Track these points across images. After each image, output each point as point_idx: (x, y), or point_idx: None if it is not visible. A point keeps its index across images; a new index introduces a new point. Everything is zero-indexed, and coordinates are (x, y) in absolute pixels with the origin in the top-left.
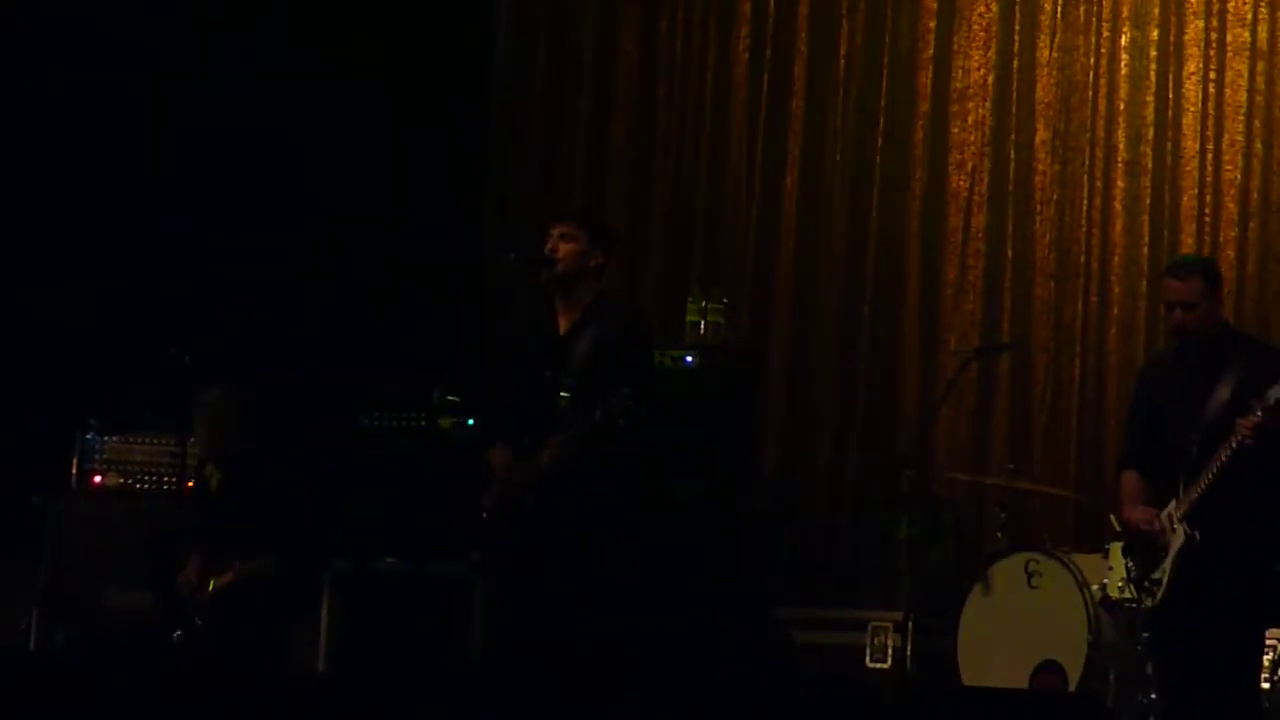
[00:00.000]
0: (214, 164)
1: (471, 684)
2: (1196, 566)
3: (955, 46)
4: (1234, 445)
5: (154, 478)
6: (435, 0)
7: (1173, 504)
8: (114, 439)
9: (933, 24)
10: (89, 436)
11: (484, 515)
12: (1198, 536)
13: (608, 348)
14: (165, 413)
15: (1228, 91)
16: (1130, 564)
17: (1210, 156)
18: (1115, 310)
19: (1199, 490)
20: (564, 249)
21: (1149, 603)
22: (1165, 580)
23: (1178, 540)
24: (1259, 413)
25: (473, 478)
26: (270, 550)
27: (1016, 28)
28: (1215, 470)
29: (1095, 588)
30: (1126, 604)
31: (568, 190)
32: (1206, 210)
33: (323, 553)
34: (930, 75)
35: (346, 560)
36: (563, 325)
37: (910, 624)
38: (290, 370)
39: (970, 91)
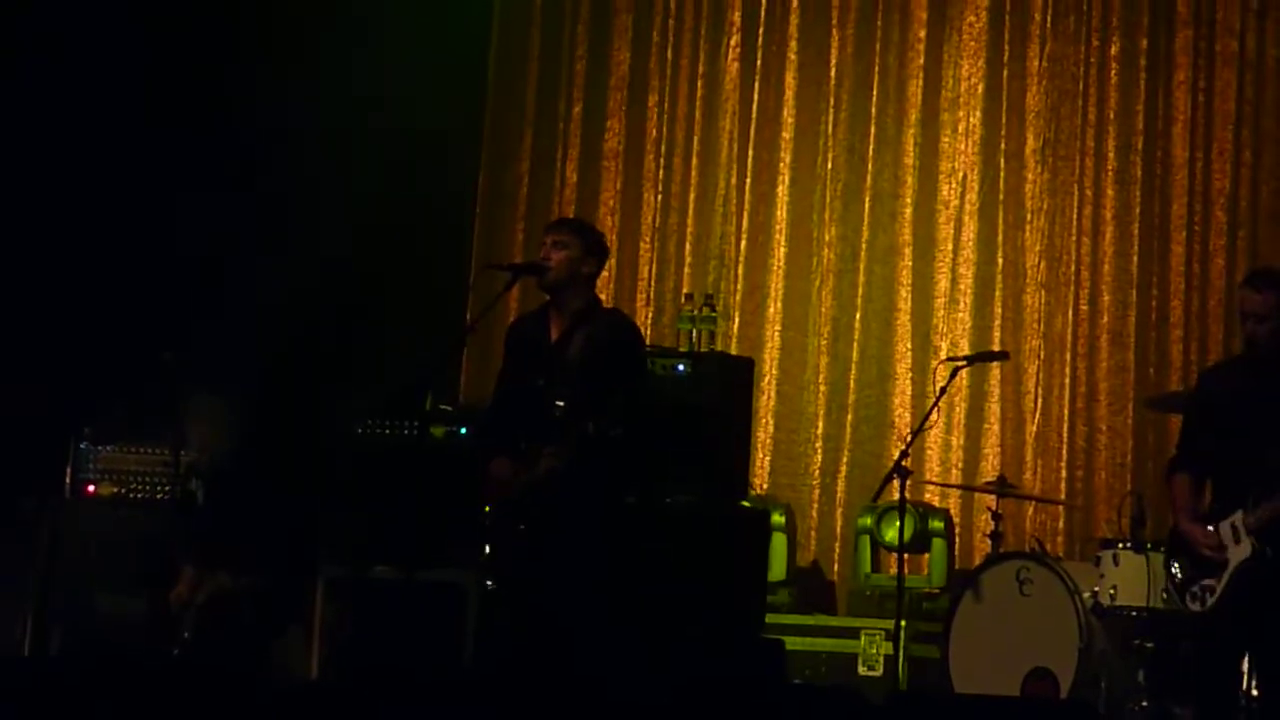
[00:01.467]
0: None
1: (463, 691)
2: (1260, 582)
3: (945, 55)
4: None
5: (147, 487)
6: (429, 9)
7: (1239, 515)
8: (107, 448)
9: (923, 33)
10: (82, 446)
11: (488, 522)
12: (1270, 553)
13: (599, 354)
14: (158, 420)
15: (1217, 100)
16: (1175, 565)
17: (1200, 165)
18: (1105, 319)
19: (1277, 507)
20: (556, 256)
21: (1196, 608)
22: (1221, 589)
23: (1243, 551)
24: None
25: (466, 485)
26: (258, 560)
27: (1006, 37)
28: None
29: (1086, 595)
30: (1118, 611)
31: (559, 198)
32: (1196, 219)
33: (311, 562)
34: (920, 84)
35: (339, 568)
36: (554, 332)
37: (901, 631)
38: (284, 377)
39: (960, 100)
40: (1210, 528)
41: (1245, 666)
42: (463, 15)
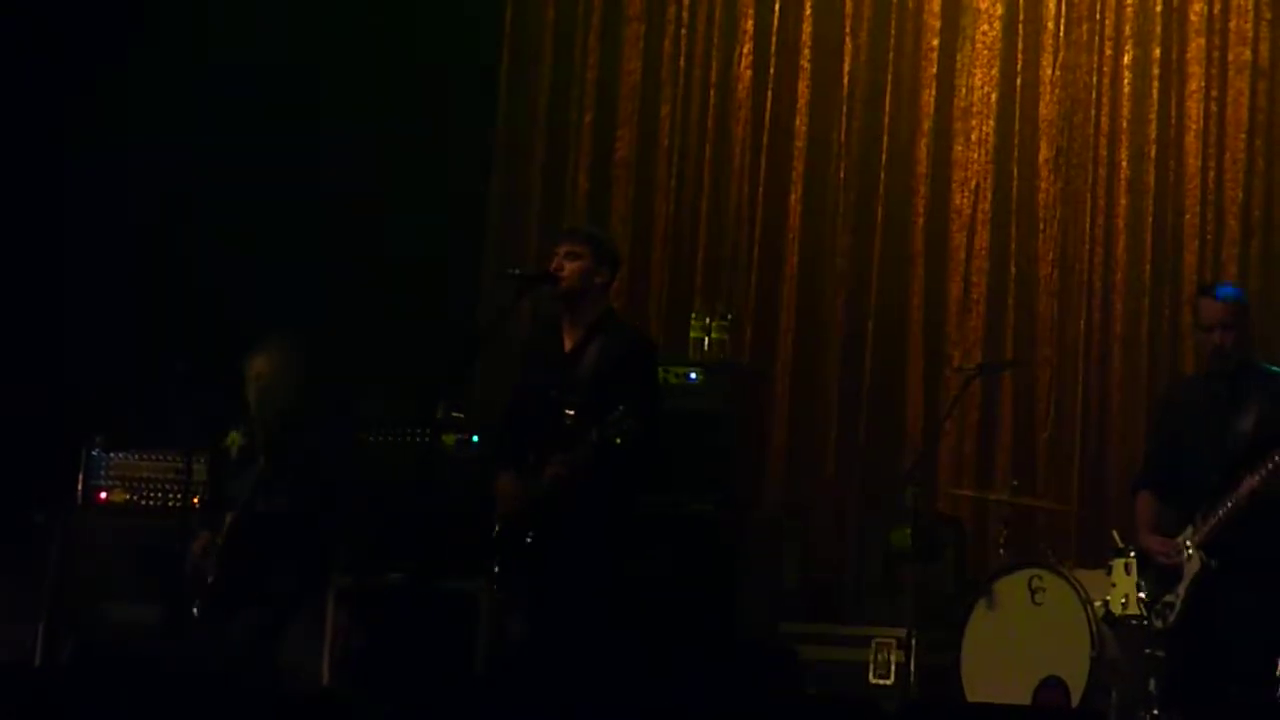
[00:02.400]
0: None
1: (474, 698)
2: (1211, 593)
3: (959, 64)
4: (1260, 481)
5: (159, 494)
6: (440, 17)
7: (1189, 530)
8: (119, 455)
9: (936, 42)
10: (94, 453)
11: (496, 535)
12: (1214, 565)
13: (613, 365)
14: (169, 425)
15: (1229, 109)
16: (1142, 584)
17: (1212, 174)
18: (1118, 327)
19: (1218, 520)
20: (569, 267)
21: (1160, 625)
22: (1178, 605)
23: (1193, 566)
24: None
25: (477, 494)
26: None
27: (1019, 46)
28: (1237, 502)
29: (1098, 604)
30: (1129, 620)
31: (571, 207)
32: (1209, 228)
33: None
34: (934, 93)
35: (349, 575)
36: (568, 343)
37: (914, 640)
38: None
39: (973, 109)
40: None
41: None
42: (475, 24)
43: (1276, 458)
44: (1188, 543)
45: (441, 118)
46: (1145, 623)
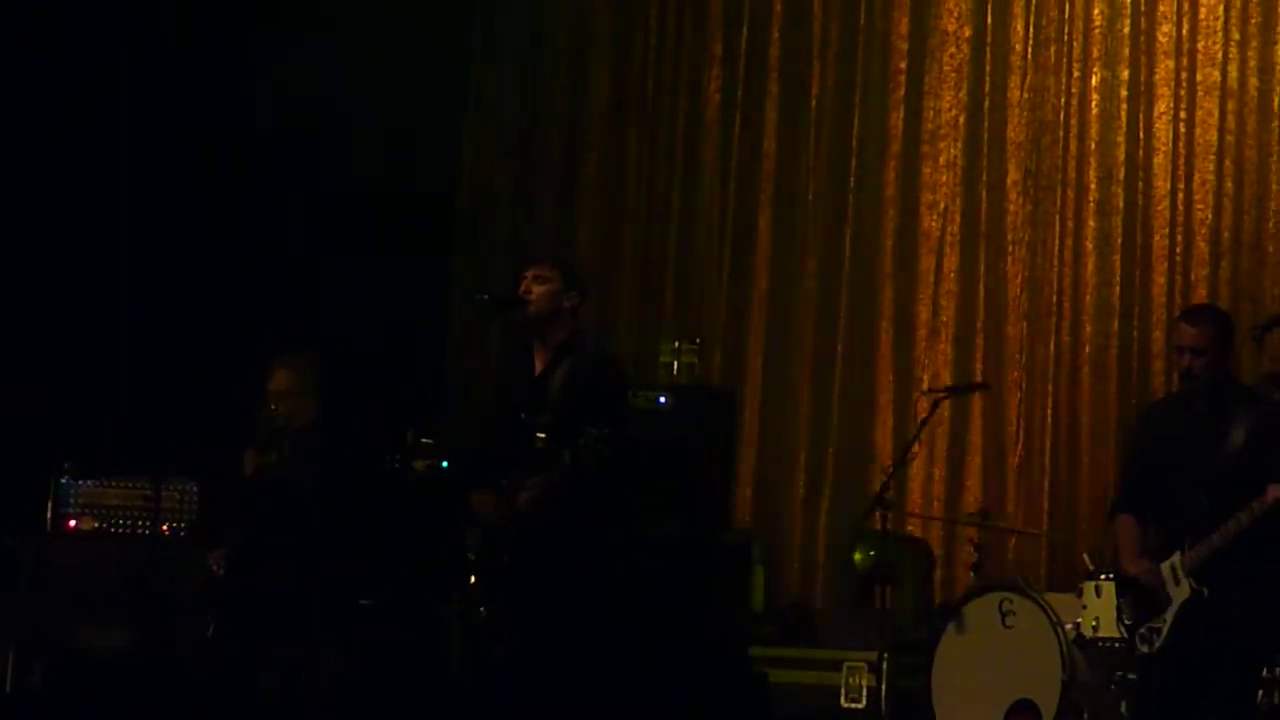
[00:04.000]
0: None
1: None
2: (1202, 620)
3: (926, 87)
4: (1256, 511)
5: (128, 521)
6: (409, 44)
7: (1178, 556)
8: (88, 483)
9: (904, 65)
10: (63, 480)
11: (472, 554)
12: (1205, 593)
13: (581, 387)
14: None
15: (1198, 131)
16: (1124, 608)
17: (1181, 196)
18: (1087, 349)
19: (1213, 546)
20: (537, 290)
21: (1145, 649)
22: (1166, 630)
23: (1182, 593)
24: None
25: (447, 519)
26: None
27: (987, 68)
28: (1234, 530)
29: (1069, 626)
30: (1100, 643)
31: (539, 231)
32: (1178, 250)
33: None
34: (901, 116)
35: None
36: (538, 365)
37: (884, 663)
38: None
39: (941, 132)
40: (1153, 567)
41: None
42: (441, 47)
43: (1272, 495)
44: (1175, 567)
45: (408, 140)
46: (1128, 647)
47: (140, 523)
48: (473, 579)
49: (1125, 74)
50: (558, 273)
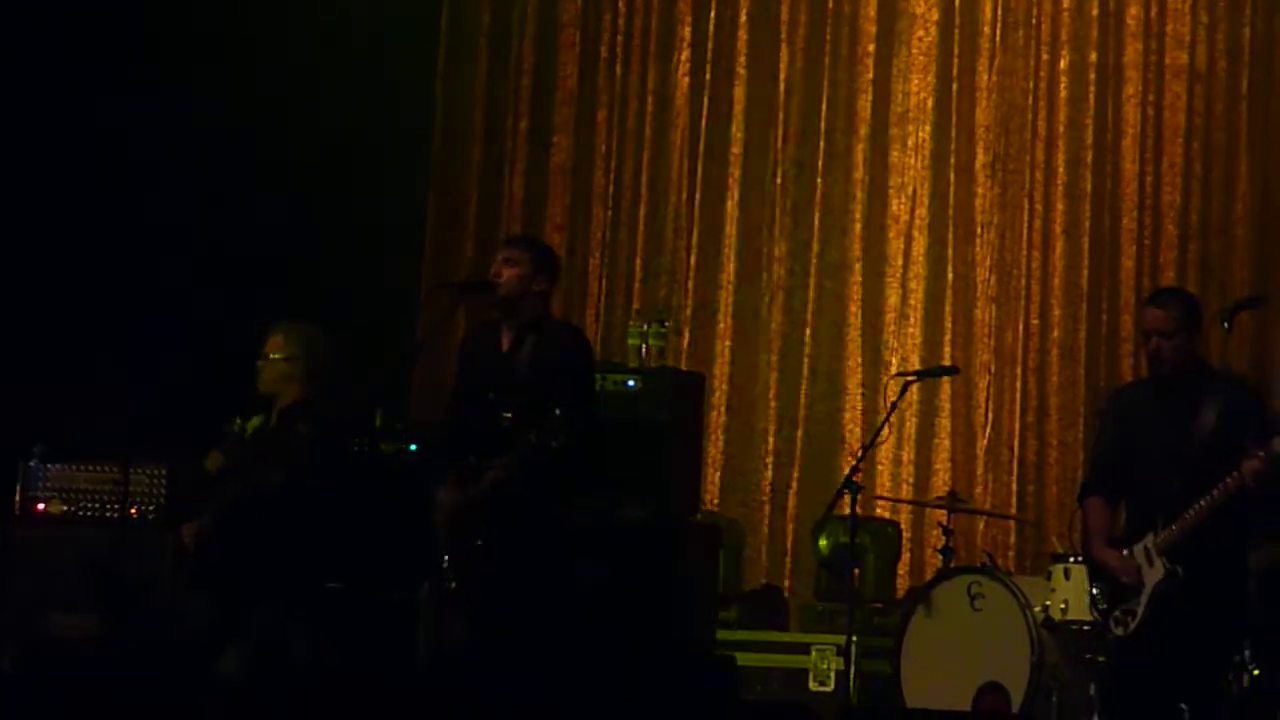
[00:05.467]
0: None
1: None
2: (1177, 601)
3: (895, 70)
4: (1230, 487)
5: (97, 505)
6: (376, 28)
7: (1150, 537)
8: (57, 466)
9: (872, 48)
10: (32, 464)
11: (441, 539)
12: (1180, 572)
13: (547, 363)
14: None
15: (1166, 114)
16: (1096, 591)
17: (1150, 179)
18: (1056, 333)
19: (1185, 527)
20: (507, 273)
21: (1120, 632)
22: (1141, 612)
23: (1156, 574)
24: (1260, 456)
25: (415, 501)
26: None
27: (956, 51)
28: (1205, 508)
29: (1038, 609)
30: (1069, 625)
31: (508, 214)
32: (1146, 232)
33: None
34: (870, 99)
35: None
36: (505, 345)
37: (853, 647)
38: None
39: (910, 115)
40: (1125, 551)
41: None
42: (410, 31)
43: (1247, 468)
44: (1149, 549)
45: (376, 124)
46: (1099, 630)
47: (109, 506)
48: (445, 559)
49: (1093, 56)
50: (529, 256)
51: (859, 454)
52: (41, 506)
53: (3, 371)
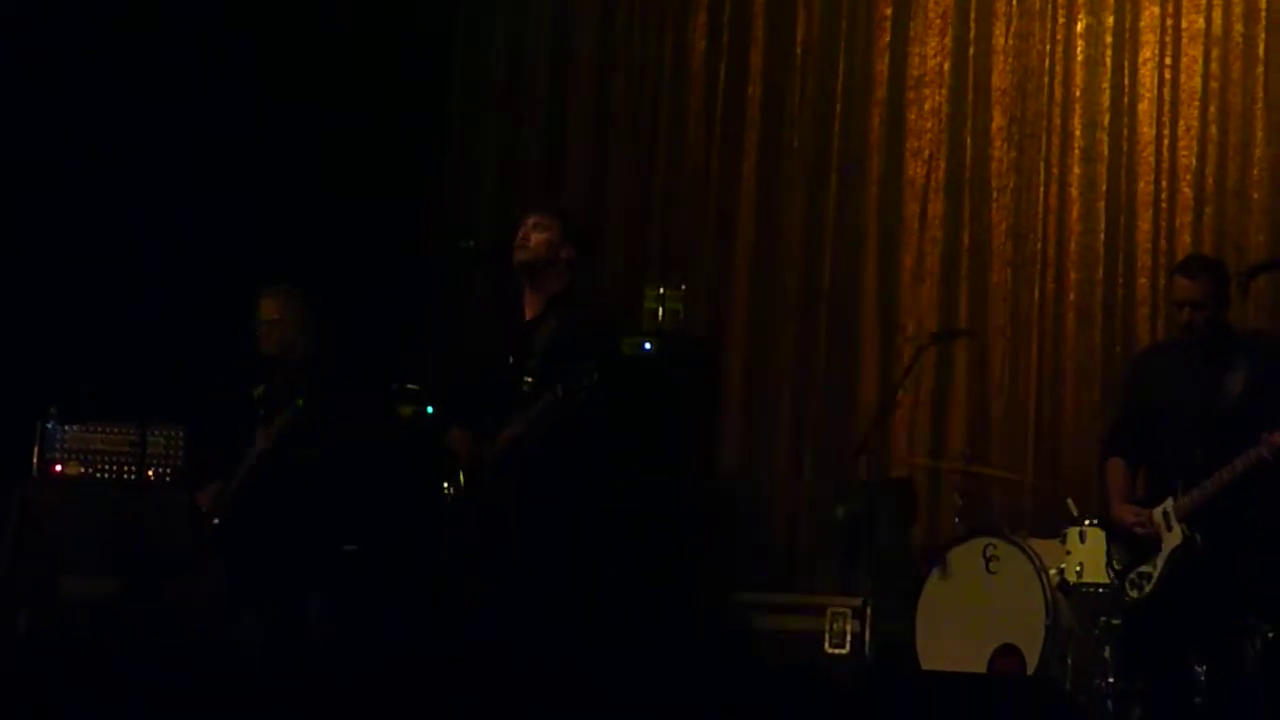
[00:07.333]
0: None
1: (425, 668)
2: (1193, 567)
3: (911, 33)
4: (1251, 459)
5: (114, 467)
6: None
7: (1169, 501)
8: (74, 428)
9: (889, 11)
10: (49, 425)
11: (448, 497)
12: (1199, 539)
13: (572, 337)
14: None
15: (1183, 77)
16: (1113, 553)
17: (1166, 142)
18: (1072, 296)
19: (1206, 493)
20: (535, 238)
21: (1134, 595)
22: (1157, 576)
23: (1174, 539)
24: None
25: (432, 464)
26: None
27: (972, 15)
28: (1228, 477)
29: (1053, 572)
30: (1084, 588)
31: (526, 180)
32: (1163, 196)
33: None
34: (886, 62)
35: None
36: (529, 313)
37: (868, 609)
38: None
39: (926, 79)
40: (1145, 513)
41: None
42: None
43: (1272, 440)
44: (1168, 513)
45: (392, 88)
46: (1116, 592)
47: (126, 468)
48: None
49: (1110, 20)
50: (558, 223)
51: (875, 416)
52: (59, 468)
53: (21, 332)
